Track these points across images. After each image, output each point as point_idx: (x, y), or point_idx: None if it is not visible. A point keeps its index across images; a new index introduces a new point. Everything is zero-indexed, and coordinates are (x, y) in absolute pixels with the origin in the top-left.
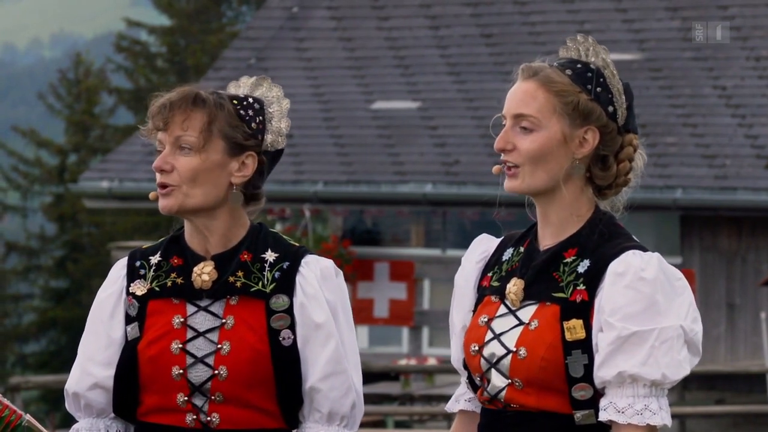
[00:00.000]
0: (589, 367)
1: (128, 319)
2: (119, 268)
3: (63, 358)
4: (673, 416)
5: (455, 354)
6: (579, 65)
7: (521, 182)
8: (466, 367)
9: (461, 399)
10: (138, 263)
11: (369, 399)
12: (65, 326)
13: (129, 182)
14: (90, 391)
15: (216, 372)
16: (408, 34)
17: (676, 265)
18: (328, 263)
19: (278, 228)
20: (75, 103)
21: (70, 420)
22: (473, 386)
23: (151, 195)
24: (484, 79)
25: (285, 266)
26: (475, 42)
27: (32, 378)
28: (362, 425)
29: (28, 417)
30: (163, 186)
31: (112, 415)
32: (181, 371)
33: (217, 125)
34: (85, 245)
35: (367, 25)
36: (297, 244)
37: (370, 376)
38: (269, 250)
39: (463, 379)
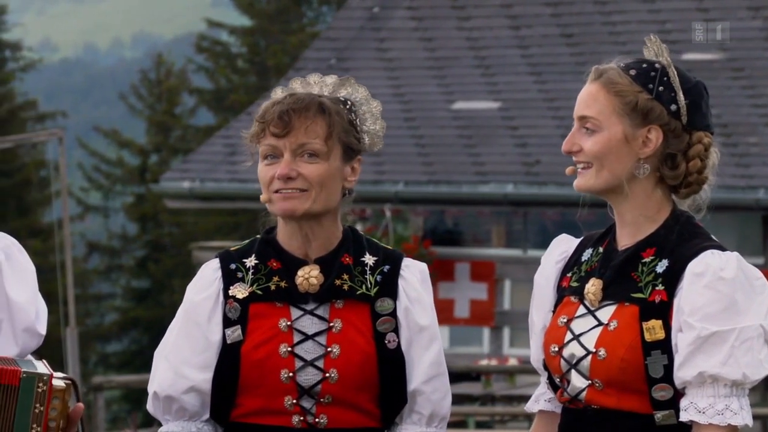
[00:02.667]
0: (669, 368)
1: (227, 322)
2: (213, 270)
3: (144, 358)
4: (755, 417)
5: (535, 354)
6: (644, 65)
7: (587, 180)
8: (546, 367)
9: (541, 399)
10: (233, 266)
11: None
12: (147, 326)
13: (210, 182)
14: (185, 394)
15: (327, 375)
16: (488, 34)
17: (758, 266)
18: (424, 267)
19: (359, 228)
20: (156, 103)
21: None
22: (553, 386)
23: (263, 198)
24: (565, 79)
25: (386, 269)
26: (555, 42)
27: (114, 377)
28: None
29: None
30: (289, 190)
31: (204, 417)
32: (290, 374)
33: (336, 131)
34: (166, 245)
35: (447, 25)
36: (390, 248)
37: (450, 377)
38: (367, 253)
39: (543, 379)
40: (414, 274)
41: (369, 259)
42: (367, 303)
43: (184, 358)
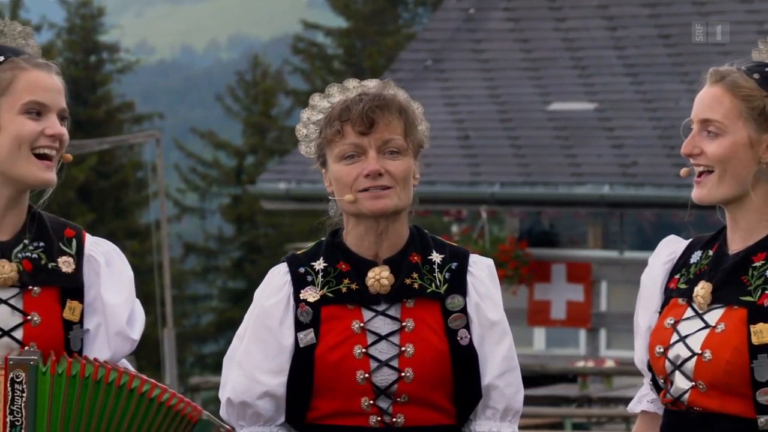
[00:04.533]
0: None
1: (299, 326)
2: (281, 275)
3: None
4: None
5: (639, 354)
6: (767, 69)
7: (708, 191)
8: (650, 368)
9: (644, 400)
10: (302, 269)
11: (547, 401)
12: None
13: (306, 184)
14: (259, 399)
15: (402, 374)
16: (585, 35)
17: None
18: (490, 262)
19: (454, 229)
20: (252, 104)
21: None
22: (657, 387)
23: (347, 197)
24: (662, 80)
25: (454, 266)
26: (653, 43)
27: (211, 378)
28: (540, 427)
29: (206, 413)
30: (379, 188)
31: (279, 422)
32: (366, 375)
33: (411, 129)
34: (262, 246)
35: (544, 26)
36: (455, 244)
37: (547, 378)
38: (434, 251)
39: (647, 380)
40: (482, 270)
41: (436, 257)
42: (438, 301)
43: (256, 363)
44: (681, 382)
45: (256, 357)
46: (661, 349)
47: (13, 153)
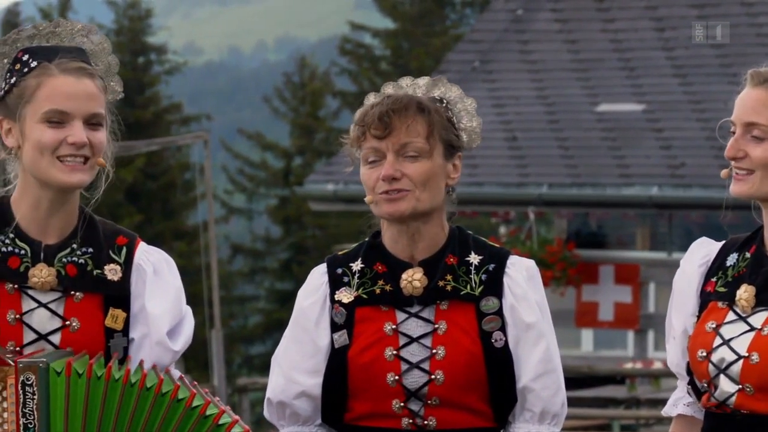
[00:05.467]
0: None
1: (334, 327)
2: (319, 276)
3: None
4: None
5: (674, 358)
6: None
7: (750, 187)
8: (689, 372)
9: (679, 403)
10: (340, 270)
11: (595, 402)
12: None
13: (354, 185)
14: (296, 399)
15: (432, 377)
16: (633, 36)
17: None
18: (531, 263)
19: (502, 231)
20: (300, 106)
21: None
22: (695, 391)
23: (367, 199)
24: (711, 81)
25: (491, 268)
26: (701, 44)
27: (259, 379)
28: (588, 428)
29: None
30: (395, 191)
31: (318, 422)
32: (396, 377)
33: (437, 129)
34: (309, 248)
35: (592, 27)
36: (497, 245)
37: (595, 380)
38: (472, 252)
39: (683, 383)
40: (519, 272)
41: (474, 259)
42: (472, 303)
43: (294, 363)
44: (726, 386)
45: (294, 357)
46: (704, 353)
47: (36, 159)
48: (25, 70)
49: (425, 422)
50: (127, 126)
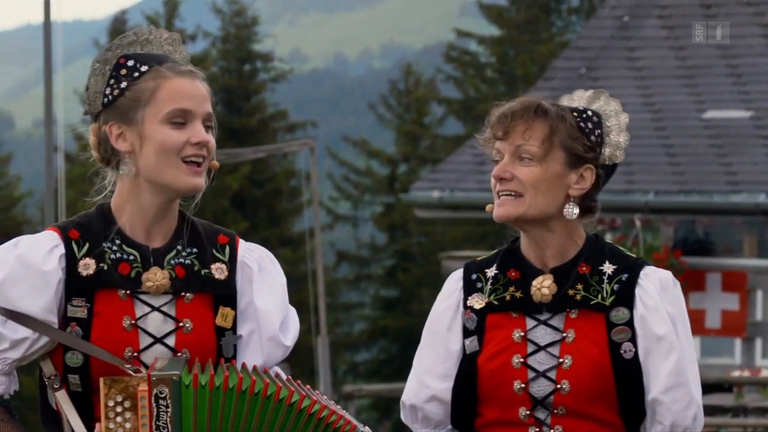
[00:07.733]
0: None
1: (466, 333)
2: (455, 281)
3: (393, 367)
4: None
5: None
6: None
7: None
8: None
9: None
10: (474, 276)
11: (702, 410)
12: (396, 335)
13: (460, 192)
14: (427, 403)
15: (558, 386)
16: (741, 42)
17: None
18: (667, 274)
19: (609, 238)
20: (405, 113)
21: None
22: None
23: (488, 208)
24: None
25: (624, 278)
26: None
27: (364, 386)
28: None
29: (364, 429)
30: (505, 193)
31: (449, 427)
32: (522, 385)
33: (558, 136)
34: (415, 255)
35: (699, 34)
36: (634, 256)
37: (702, 388)
38: (607, 261)
39: None
40: (653, 283)
41: (608, 268)
42: (602, 313)
43: (426, 367)
44: None
45: (427, 361)
46: None
47: (160, 162)
48: (136, 74)
49: (552, 431)
50: (233, 133)
